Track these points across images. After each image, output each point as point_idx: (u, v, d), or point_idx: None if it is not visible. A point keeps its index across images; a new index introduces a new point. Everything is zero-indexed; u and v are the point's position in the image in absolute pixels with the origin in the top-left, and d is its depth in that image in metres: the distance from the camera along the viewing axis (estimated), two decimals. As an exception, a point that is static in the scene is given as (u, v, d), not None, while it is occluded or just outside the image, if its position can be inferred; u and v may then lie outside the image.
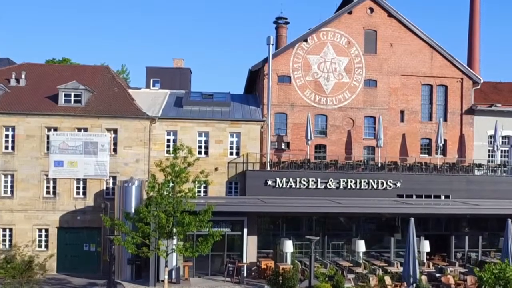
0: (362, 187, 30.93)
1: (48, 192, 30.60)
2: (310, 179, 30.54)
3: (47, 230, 30.37)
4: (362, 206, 28.19)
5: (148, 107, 32.38)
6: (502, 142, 35.29)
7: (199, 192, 30.89)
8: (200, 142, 31.46)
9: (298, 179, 30.41)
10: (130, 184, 28.01)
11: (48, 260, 28.68)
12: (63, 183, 30.46)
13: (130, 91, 34.37)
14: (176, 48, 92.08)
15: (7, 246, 29.83)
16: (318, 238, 25.52)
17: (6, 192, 30.37)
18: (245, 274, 26.18)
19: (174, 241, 23.10)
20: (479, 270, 22.82)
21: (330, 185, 30.72)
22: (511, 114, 35.48)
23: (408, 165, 33.26)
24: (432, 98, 35.06)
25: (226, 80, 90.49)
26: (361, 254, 27.95)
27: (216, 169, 31.08)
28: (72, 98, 31.25)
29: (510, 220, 24.59)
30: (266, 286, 24.31)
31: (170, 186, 21.96)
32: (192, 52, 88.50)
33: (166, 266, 22.53)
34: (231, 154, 31.60)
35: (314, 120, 33.12)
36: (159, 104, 33.20)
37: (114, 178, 30.66)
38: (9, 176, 30.34)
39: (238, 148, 31.63)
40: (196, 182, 22.28)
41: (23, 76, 33.06)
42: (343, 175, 31.07)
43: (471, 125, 35.23)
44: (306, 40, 33.72)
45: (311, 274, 22.80)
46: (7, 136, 30.39)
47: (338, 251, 29.25)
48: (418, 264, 22.70)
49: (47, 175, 30.40)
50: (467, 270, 26.61)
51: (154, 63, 41.84)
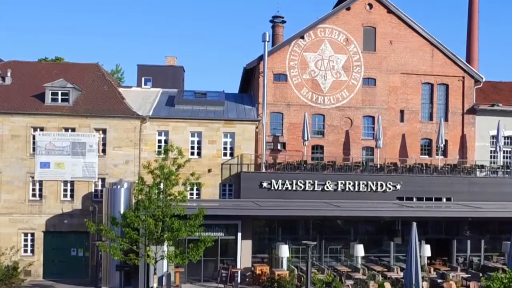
0: (361, 189, 30.40)
1: (34, 195, 29.73)
2: (307, 181, 29.97)
3: (33, 235, 29.50)
4: (360, 209, 27.62)
5: (138, 106, 31.57)
6: (505, 142, 34.55)
7: (191, 194, 30.24)
8: (192, 142, 30.75)
9: (294, 181, 29.84)
10: (119, 187, 27.27)
11: (33, 266, 27.73)
12: (50, 185, 29.66)
13: (120, 89, 33.58)
14: (170, 46, 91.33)
15: (-10, 251, 28.88)
16: (315, 243, 24.79)
17: (-10, 194, 29.44)
18: (239, 280, 25.55)
19: (165, 247, 22.21)
20: (485, 278, 21.89)
21: (327, 187, 30.16)
22: (513, 114, 34.79)
23: (408, 166, 32.67)
24: (432, 97, 34.47)
25: (221, 79, 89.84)
26: (359, 259, 27.31)
27: (209, 170, 30.43)
28: (60, 97, 30.44)
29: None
30: (261, 293, 23.55)
31: (159, 189, 20.96)
32: (186, 50, 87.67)
33: (155, 273, 21.47)
34: (225, 155, 30.90)
35: (311, 120, 32.54)
36: (150, 103, 32.36)
37: (103, 180, 29.88)
38: (-7, 178, 29.42)
39: (232, 149, 30.96)
40: (186, 184, 21.27)
41: (9, 74, 32.02)
42: (341, 177, 30.50)
43: (472, 125, 34.60)
44: (302, 37, 32.96)
45: (308, 281, 21.93)
46: (-9, 136, 29.44)
47: (336, 255, 28.66)
48: (420, 272, 21.87)
49: (33, 177, 29.55)
50: (469, 275, 25.92)
51: (147, 62, 40.75)
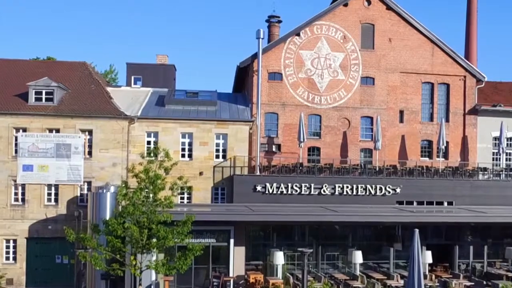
0: (359, 193, 29.55)
1: (16, 199, 28.67)
2: (303, 185, 29.07)
3: (15, 241, 28.41)
4: (359, 214, 26.70)
5: (127, 106, 30.38)
6: (508, 144, 33.55)
7: (182, 199, 29.13)
8: (183, 144, 29.58)
9: (290, 185, 28.92)
10: (104, 191, 25.96)
11: (16, 274, 26.57)
12: (33, 189, 28.55)
13: (109, 89, 32.43)
14: (161, 45, 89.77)
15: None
16: (311, 250, 24.04)
17: (-31, 199, 28.37)
18: (231, 290, 24.32)
19: (153, 255, 20.92)
20: (491, 285, 20.86)
21: (324, 191, 29.26)
22: (516, 114, 33.77)
23: (408, 169, 31.71)
24: (433, 97, 33.43)
25: (215, 79, 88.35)
26: (358, 266, 26.33)
27: (200, 173, 29.33)
28: (44, 96, 29.29)
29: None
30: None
31: (144, 194, 19.65)
32: (178, 48, 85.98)
33: (141, 284, 20.11)
34: (217, 157, 29.80)
35: (307, 121, 31.60)
36: (140, 103, 31.15)
37: (89, 183, 28.74)
38: (-28, 182, 28.37)
39: (224, 151, 29.87)
40: (174, 189, 19.98)
41: (-9, 72, 30.81)
42: (338, 180, 29.64)
43: (474, 126, 33.56)
44: (298, 34, 31.86)
45: (304, 291, 20.73)
46: (-30, 137, 28.36)
47: (333, 262, 27.64)
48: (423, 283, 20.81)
49: (15, 181, 28.49)
50: (473, 283, 25.08)
51: (139, 61, 39.48)
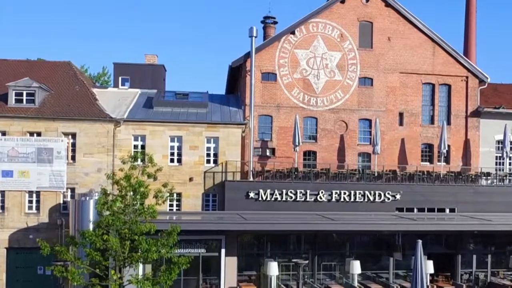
0: (357, 199, 28.76)
1: (-5, 207, 27.47)
2: (298, 191, 28.18)
3: (-6, 251, 27.22)
4: (357, 222, 25.81)
5: (113, 108, 29.12)
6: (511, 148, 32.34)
7: (171, 206, 27.85)
8: (172, 148, 28.46)
9: (284, 191, 28.05)
10: (87, 198, 24.69)
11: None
12: (13, 196, 27.38)
13: (95, 90, 31.28)
14: (151, 44, 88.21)
15: None
16: (307, 261, 23.12)
17: None
18: (222, 302, 23.26)
19: (139, 269, 19.63)
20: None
21: (320, 197, 28.42)
22: (520, 117, 32.72)
23: (408, 174, 30.73)
24: (434, 99, 32.41)
25: (207, 80, 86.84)
26: (356, 276, 25.27)
27: (190, 179, 28.20)
28: (24, 98, 28.08)
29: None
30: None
31: (126, 203, 18.27)
32: (169, 49, 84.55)
33: (122, 300, 18.64)
34: (208, 162, 28.72)
35: (302, 124, 30.64)
36: (126, 105, 29.92)
37: (73, 190, 27.59)
38: (-51, 188, 27.15)
39: (216, 155, 28.81)
40: (158, 197, 18.60)
41: (-30, 72, 29.44)
42: (335, 186, 28.76)
43: (477, 129, 32.50)
44: (293, 32, 30.75)
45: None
46: None
47: (330, 272, 26.62)
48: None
49: (-6, 187, 27.24)
50: None
51: (127, 61, 37.97)
